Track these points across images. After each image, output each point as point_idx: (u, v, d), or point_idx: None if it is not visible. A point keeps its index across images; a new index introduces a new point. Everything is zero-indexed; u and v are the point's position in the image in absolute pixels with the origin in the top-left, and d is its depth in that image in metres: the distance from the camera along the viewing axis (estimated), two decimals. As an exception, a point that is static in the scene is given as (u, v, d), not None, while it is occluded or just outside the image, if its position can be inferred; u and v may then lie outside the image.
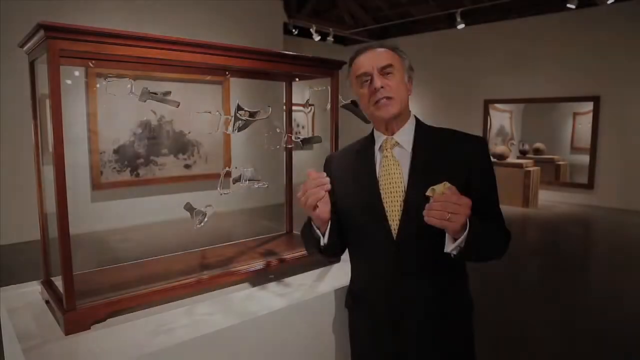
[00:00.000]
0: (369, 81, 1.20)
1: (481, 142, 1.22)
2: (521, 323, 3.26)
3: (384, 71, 1.19)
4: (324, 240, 1.23)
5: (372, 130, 1.31)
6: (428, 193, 1.11)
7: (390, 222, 1.18)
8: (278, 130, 1.85)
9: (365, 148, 1.30)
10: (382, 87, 1.18)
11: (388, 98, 1.18)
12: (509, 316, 3.38)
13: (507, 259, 1.22)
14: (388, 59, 1.20)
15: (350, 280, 1.38)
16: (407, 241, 1.17)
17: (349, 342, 1.40)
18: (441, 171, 1.16)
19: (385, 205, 1.19)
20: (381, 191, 1.20)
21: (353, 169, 1.29)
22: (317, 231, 1.23)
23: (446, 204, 1.00)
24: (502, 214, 1.22)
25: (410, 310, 1.19)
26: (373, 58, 1.20)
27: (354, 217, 1.27)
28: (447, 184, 1.11)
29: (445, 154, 1.19)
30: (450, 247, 1.06)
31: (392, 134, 1.24)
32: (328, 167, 1.38)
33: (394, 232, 1.18)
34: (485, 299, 3.63)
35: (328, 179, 1.14)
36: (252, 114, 1.54)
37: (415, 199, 1.15)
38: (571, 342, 2.94)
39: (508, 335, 3.09)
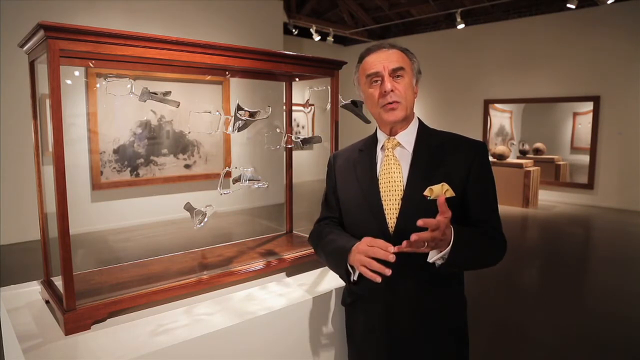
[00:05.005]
0: (379, 82, 1.21)
1: (480, 147, 1.22)
2: (519, 323, 3.26)
3: (395, 74, 1.20)
4: (354, 277, 1.19)
5: (376, 129, 1.33)
6: (426, 193, 1.12)
7: (387, 220, 1.19)
8: (278, 130, 1.86)
9: (368, 147, 1.32)
10: (392, 91, 1.18)
11: (396, 102, 1.19)
12: (507, 316, 3.38)
13: (505, 258, 1.22)
14: (399, 62, 1.20)
15: None
16: (403, 239, 1.16)
17: (346, 339, 1.40)
18: (440, 173, 1.18)
19: (383, 202, 1.20)
20: (380, 189, 1.22)
21: (355, 167, 1.31)
22: (350, 269, 1.19)
23: (425, 235, 0.99)
24: (500, 219, 1.22)
25: (405, 307, 1.20)
26: (385, 58, 1.20)
27: (353, 213, 1.29)
28: (446, 186, 1.12)
29: (445, 157, 1.20)
30: (433, 257, 1.06)
31: (395, 134, 1.26)
32: (332, 165, 1.41)
33: (391, 230, 1.19)
34: (484, 299, 3.63)
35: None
36: (252, 114, 1.54)
37: (413, 198, 1.17)
38: (570, 343, 2.94)
39: (506, 335, 3.09)
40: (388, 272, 1.05)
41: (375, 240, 1.09)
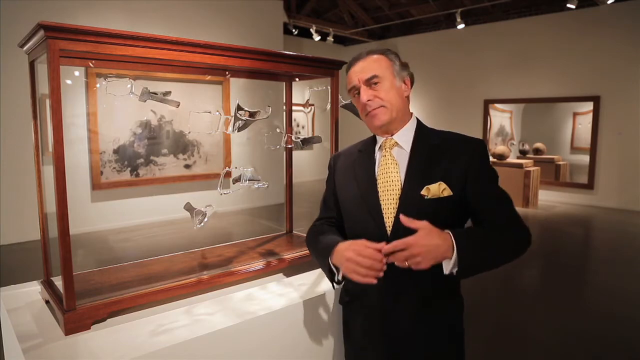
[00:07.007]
0: (358, 94, 1.24)
1: (478, 144, 1.22)
2: (519, 323, 3.26)
3: (370, 82, 1.22)
4: (338, 277, 1.21)
5: None
6: (423, 192, 1.14)
7: (385, 220, 1.20)
8: (278, 130, 1.86)
9: (367, 148, 1.33)
10: (369, 100, 1.21)
11: (378, 107, 1.22)
12: (507, 316, 3.38)
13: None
14: (372, 70, 1.22)
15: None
16: (401, 238, 1.17)
17: (343, 338, 1.41)
18: (438, 171, 1.18)
19: (381, 202, 1.21)
20: (379, 189, 1.22)
21: (354, 168, 1.32)
22: (334, 268, 1.21)
23: (399, 257, 1.04)
24: (513, 210, 1.19)
25: (402, 307, 1.20)
26: (360, 71, 1.24)
27: (352, 213, 1.30)
28: (443, 185, 1.13)
29: (443, 155, 1.20)
30: (448, 267, 1.06)
31: (392, 135, 1.26)
32: (332, 167, 1.42)
33: (389, 229, 1.19)
34: (483, 299, 3.63)
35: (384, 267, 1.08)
36: (252, 114, 1.54)
37: (410, 197, 1.17)
38: (570, 343, 2.94)
39: (505, 335, 3.09)
40: (380, 274, 1.07)
41: (363, 249, 1.10)
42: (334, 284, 1.26)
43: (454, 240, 1.05)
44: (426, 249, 1.02)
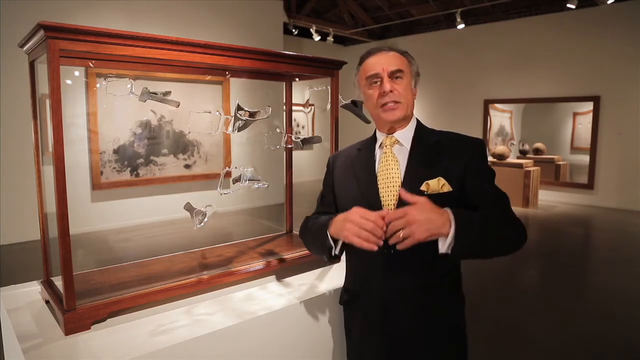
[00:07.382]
0: (378, 83, 1.23)
1: (478, 143, 1.23)
2: (519, 323, 3.26)
3: (394, 75, 1.22)
4: (335, 251, 1.21)
5: (375, 130, 1.35)
6: (422, 188, 1.15)
7: None
8: (278, 130, 1.86)
9: (367, 146, 1.34)
10: (390, 91, 1.21)
11: (395, 102, 1.22)
12: (507, 316, 3.38)
13: (506, 258, 1.21)
14: (398, 64, 1.23)
15: (345, 276, 1.40)
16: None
17: (345, 338, 1.41)
18: (438, 168, 1.19)
19: (381, 199, 1.22)
20: (379, 186, 1.23)
21: (354, 165, 1.32)
22: (330, 240, 1.21)
23: (394, 226, 1.04)
24: (509, 205, 1.19)
25: (402, 305, 1.20)
26: (384, 61, 1.23)
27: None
28: (442, 180, 1.14)
29: (442, 153, 1.21)
30: (444, 246, 1.04)
31: (394, 133, 1.27)
32: (331, 165, 1.43)
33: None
34: (484, 298, 3.63)
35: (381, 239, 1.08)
36: (252, 114, 1.54)
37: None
38: (570, 343, 2.94)
39: (506, 335, 3.09)
40: (380, 243, 1.07)
41: (367, 213, 1.10)
42: (330, 259, 1.25)
43: (452, 216, 1.04)
44: (421, 219, 1.02)
